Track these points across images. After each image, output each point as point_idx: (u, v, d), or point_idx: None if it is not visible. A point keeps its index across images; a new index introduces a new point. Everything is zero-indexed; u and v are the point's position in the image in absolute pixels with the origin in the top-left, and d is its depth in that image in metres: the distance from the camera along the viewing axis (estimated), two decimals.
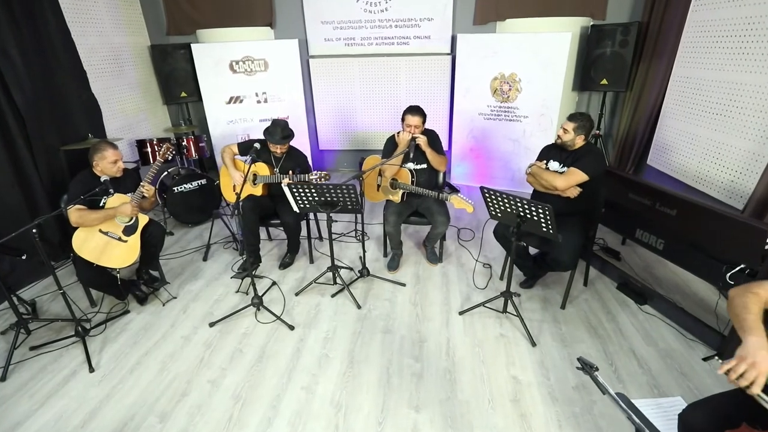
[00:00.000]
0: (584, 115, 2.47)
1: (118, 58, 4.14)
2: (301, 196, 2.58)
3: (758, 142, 2.61)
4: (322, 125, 5.09)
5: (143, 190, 2.54)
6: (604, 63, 3.98)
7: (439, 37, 4.53)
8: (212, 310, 2.74)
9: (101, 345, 2.44)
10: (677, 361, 2.23)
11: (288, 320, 2.60)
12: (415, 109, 2.84)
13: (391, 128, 5.12)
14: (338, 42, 4.67)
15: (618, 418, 1.90)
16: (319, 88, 4.87)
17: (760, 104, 2.59)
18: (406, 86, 4.76)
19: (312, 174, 2.84)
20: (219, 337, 2.49)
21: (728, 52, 2.83)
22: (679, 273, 3.01)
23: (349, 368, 2.24)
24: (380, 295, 2.86)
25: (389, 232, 3.04)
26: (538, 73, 4.08)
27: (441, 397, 2.04)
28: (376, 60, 4.67)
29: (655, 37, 3.77)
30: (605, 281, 2.93)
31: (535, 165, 2.62)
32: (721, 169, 2.87)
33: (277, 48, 4.42)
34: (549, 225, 2.12)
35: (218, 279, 3.09)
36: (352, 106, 4.95)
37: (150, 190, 2.59)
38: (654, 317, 2.56)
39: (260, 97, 4.54)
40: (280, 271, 3.18)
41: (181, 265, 3.28)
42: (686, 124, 3.22)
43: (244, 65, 4.37)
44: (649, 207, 2.46)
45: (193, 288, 2.99)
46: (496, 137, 4.55)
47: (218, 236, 3.67)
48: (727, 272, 2.10)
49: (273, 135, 2.90)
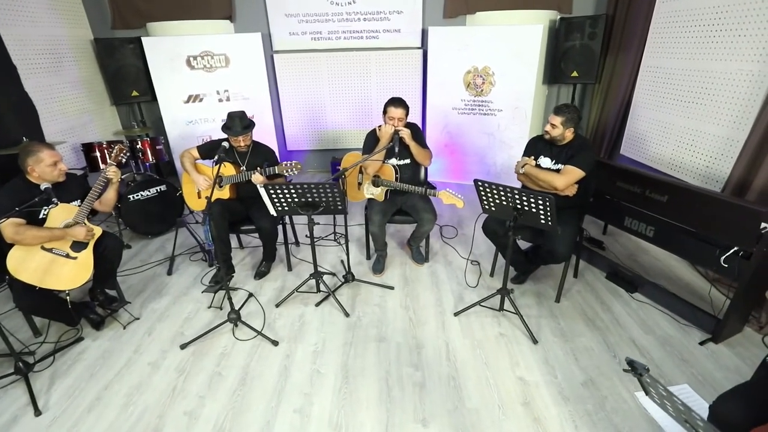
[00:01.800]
0: (570, 107, 2.42)
1: (56, 52, 3.68)
2: (279, 197, 2.35)
3: (732, 128, 2.67)
4: (289, 124, 4.83)
5: (108, 173, 2.25)
6: (574, 55, 4.02)
7: (410, 31, 4.41)
8: (183, 330, 2.44)
9: (49, 382, 2.09)
10: (676, 348, 2.21)
11: (270, 335, 2.35)
12: (397, 101, 2.69)
13: (363, 126, 4.97)
14: (304, 36, 4.44)
15: (631, 413, 1.84)
16: (285, 85, 4.60)
17: (731, 91, 2.66)
18: (376, 82, 4.60)
19: (282, 164, 2.62)
20: (193, 360, 2.21)
21: (697, 41, 2.90)
22: (662, 259, 3.06)
23: (344, 383, 2.04)
24: (369, 301, 2.68)
25: (374, 233, 2.86)
26: (511, 66, 4.05)
27: (448, 407, 1.89)
28: (345, 55, 4.48)
29: (621, 29, 3.85)
30: (594, 272, 2.91)
31: (527, 164, 2.49)
32: (696, 156, 2.93)
33: (238, 42, 4.11)
34: (549, 217, 2.04)
35: (187, 294, 2.78)
36: (321, 104, 4.73)
37: (117, 174, 2.29)
38: (646, 304, 2.55)
39: (222, 95, 4.21)
40: (256, 282, 2.91)
41: (142, 282, 2.93)
42: (658, 113, 3.28)
43: (203, 61, 4.03)
44: (639, 194, 2.45)
45: (158, 306, 2.67)
46: (471, 132, 4.49)
47: (183, 247, 3.33)
48: (720, 256, 2.11)
49: (232, 127, 2.66)
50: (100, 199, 2.38)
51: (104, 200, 2.41)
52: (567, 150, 2.44)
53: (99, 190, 2.30)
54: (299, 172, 2.66)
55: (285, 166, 2.63)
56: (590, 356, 2.16)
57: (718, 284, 2.67)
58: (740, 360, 2.13)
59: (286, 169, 2.63)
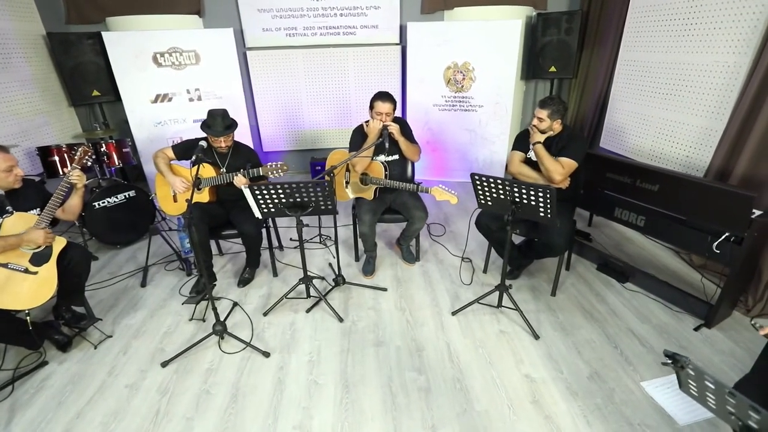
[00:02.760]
0: (555, 99, 2.39)
1: (3, 47, 3.35)
2: (264, 199, 2.20)
3: (710, 118, 2.74)
4: (265, 124, 4.63)
5: (71, 177, 2.04)
6: (552, 51, 4.06)
7: (388, 27, 4.33)
8: (163, 346, 2.24)
9: (8, 414, 1.85)
10: (673, 335, 2.23)
11: (260, 346, 2.20)
12: (384, 95, 2.59)
13: (342, 125, 4.85)
14: (278, 32, 4.26)
15: (640, 404, 1.82)
16: (260, 83, 4.41)
17: (709, 82, 2.73)
18: (355, 79, 4.49)
19: (266, 166, 2.47)
20: (176, 378, 2.02)
21: (673, 34, 2.97)
22: (647, 248, 3.11)
23: (345, 393, 1.92)
24: (362, 304, 2.56)
25: (364, 233, 2.75)
26: (491, 61, 4.05)
27: (457, 410, 1.81)
28: (322, 51, 4.34)
29: (596, 25, 3.92)
30: (585, 263, 2.92)
31: (538, 143, 2.38)
32: (676, 146, 3.00)
33: (209, 38, 3.89)
34: (548, 209, 2.00)
35: (164, 307, 2.57)
36: (298, 102, 4.56)
37: (81, 178, 2.09)
38: (638, 293, 2.57)
39: (193, 94, 3.97)
40: (240, 290, 2.74)
41: (113, 296, 2.69)
42: (637, 105, 3.35)
43: (171, 58, 3.78)
44: (630, 185, 2.46)
45: (132, 322, 2.45)
46: (452, 128, 4.46)
47: (157, 256, 3.10)
48: (712, 242, 2.13)
49: (213, 127, 2.48)
50: (63, 206, 2.15)
51: (68, 208, 2.18)
52: (557, 142, 2.42)
53: (61, 196, 2.07)
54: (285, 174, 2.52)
55: (270, 167, 2.48)
56: (593, 349, 2.14)
57: (704, 271, 2.74)
58: (734, 343, 2.16)
59: (270, 170, 2.48)
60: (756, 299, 2.36)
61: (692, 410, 1.77)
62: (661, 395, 1.85)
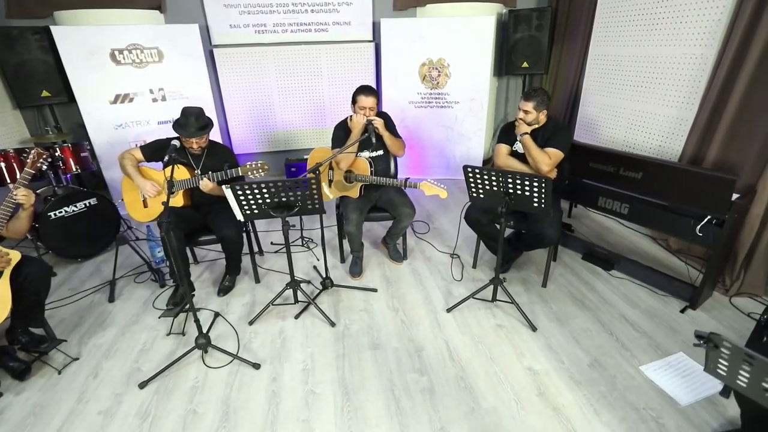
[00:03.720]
0: (539, 90, 2.41)
1: None
2: (247, 199, 2.06)
3: (681, 108, 2.85)
4: (235, 125, 4.42)
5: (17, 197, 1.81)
6: (523, 47, 4.12)
7: (360, 23, 4.25)
8: (139, 366, 2.05)
9: None
10: (662, 318, 2.28)
11: (249, 357, 2.05)
12: (368, 89, 2.51)
13: (316, 124, 4.71)
14: (247, 29, 4.08)
15: (642, 388, 1.83)
16: (228, 82, 4.20)
17: (678, 74, 2.84)
18: (328, 77, 4.38)
19: (245, 166, 2.32)
20: (158, 400, 1.84)
21: (642, 29, 3.07)
22: (627, 236, 3.20)
23: (346, 401, 1.81)
24: (353, 307, 2.46)
25: (351, 233, 2.65)
26: (466, 58, 4.06)
27: (464, 410, 1.75)
28: (293, 49, 4.20)
29: (565, 21, 4.02)
30: (570, 254, 2.96)
31: (525, 134, 2.37)
32: (649, 136, 3.10)
33: (173, 34, 3.66)
34: (543, 199, 1.98)
35: (137, 322, 2.36)
36: (269, 102, 4.39)
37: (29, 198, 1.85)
38: (624, 280, 2.63)
39: (156, 94, 3.72)
40: (221, 299, 2.56)
41: (76, 314, 2.44)
42: (609, 98, 3.44)
43: (131, 55, 3.52)
44: (613, 174, 2.51)
45: (102, 341, 2.22)
46: (429, 125, 4.44)
47: (125, 268, 2.86)
48: (696, 226, 2.20)
49: (186, 127, 2.31)
50: (7, 225, 1.91)
51: (13, 228, 1.94)
52: (543, 133, 2.42)
53: (7, 214, 1.85)
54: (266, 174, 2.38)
55: (249, 167, 2.33)
56: (589, 337, 2.15)
57: (681, 255, 2.84)
58: (718, 323, 2.24)
59: (249, 170, 2.33)
60: (732, 279, 2.47)
61: (692, 390, 1.80)
62: (661, 378, 1.88)
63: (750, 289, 2.43)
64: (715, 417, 1.69)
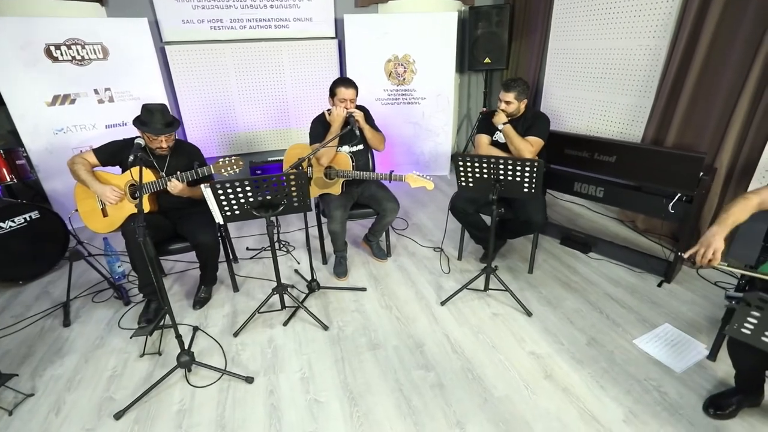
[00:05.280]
0: (518, 80, 2.44)
1: None
2: (228, 198, 1.89)
3: (639, 96, 3.03)
4: (192, 128, 4.12)
5: None
6: (485, 43, 4.22)
7: (322, 20, 4.14)
8: (110, 394, 1.80)
9: None
10: (643, 293, 2.39)
11: (239, 371, 1.88)
12: (347, 81, 2.42)
13: (279, 125, 4.52)
14: (201, 24, 3.82)
15: (638, 360, 1.90)
16: (183, 82, 3.91)
17: (635, 64, 3.02)
18: (291, 75, 4.21)
19: (218, 163, 2.16)
20: (139, 430, 1.63)
21: (599, 23, 3.24)
22: (597, 220, 3.35)
23: (353, 407, 1.71)
24: (344, 308, 2.35)
25: (335, 231, 2.54)
26: (431, 53, 4.08)
27: (477, 401, 1.71)
28: (253, 46, 4.00)
29: (522, 17, 4.16)
30: (548, 240, 3.03)
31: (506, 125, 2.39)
32: (611, 124, 3.27)
33: (118, 29, 3.33)
34: (533, 183, 2.00)
35: (102, 346, 2.09)
36: (229, 102, 4.14)
37: None
38: (602, 261, 2.73)
39: (103, 94, 3.37)
40: (197, 312, 2.35)
41: (25, 344, 2.12)
42: (570, 90, 3.60)
43: (70, 51, 3.15)
44: (588, 159, 2.60)
45: (60, 372, 1.94)
46: (397, 122, 4.41)
47: (80, 287, 2.54)
48: (668, 204, 2.33)
49: (151, 123, 2.08)
50: None
51: None
52: (522, 122, 2.46)
53: None
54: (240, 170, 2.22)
55: (222, 164, 2.16)
56: (582, 317, 2.20)
57: (648, 234, 3.01)
58: (692, 293, 2.38)
59: (223, 167, 2.16)
60: None
61: (683, 358, 1.89)
62: (654, 348, 1.95)
63: None
64: (708, 380, 1.78)
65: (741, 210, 1.50)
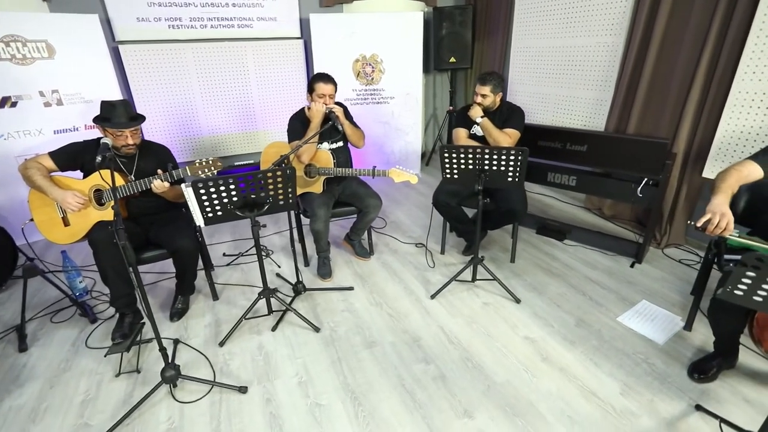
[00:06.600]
0: (493, 73, 2.51)
1: None
2: (211, 199, 1.78)
3: (599, 90, 3.21)
4: (152, 133, 3.87)
5: None
6: (449, 43, 4.32)
7: (287, 19, 4.05)
8: (85, 420, 1.63)
9: None
10: (618, 274, 2.51)
11: (231, 382, 1.77)
12: (326, 76, 2.37)
13: (245, 128, 4.36)
14: (159, 23, 3.61)
15: (624, 335, 1.99)
16: (140, 84, 3.67)
17: (594, 61, 3.20)
18: (256, 76, 4.08)
19: (195, 164, 2.05)
20: None
21: (558, 22, 3.40)
22: (566, 210, 3.50)
23: (358, 407, 1.65)
24: (333, 308, 2.29)
25: (318, 231, 2.46)
26: (398, 53, 4.11)
27: (480, 389, 1.71)
28: (215, 46, 3.83)
29: (484, 17, 4.30)
30: (524, 230, 3.12)
31: (484, 118, 2.45)
32: (574, 117, 3.44)
33: (64, 26, 3.06)
34: (517, 172, 2.05)
35: (69, 369, 1.89)
36: (191, 105, 3.94)
37: None
38: (577, 247, 2.85)
39: (49, 97, 3.08)
40: (175, 324, 2.19)
41: None
42: (534, 86, 3.76)
43: (9, 49, 2.86)
44: (560, 149, 2.71)
45: (21, 401, 1.73)
46: (366, 122, 4.33)
47: (34, 308, 2.29)
48: (636, 188, 2.47)
49: (114, 118, 1.92)
50: None
51: None
52: (498, 115, 2.53)
53: None
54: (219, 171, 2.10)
55: (200, 165, 2.05)
56: (567, 300, 2.28)
57: (614, 219, 3.19)
58: (660, 271, 2.54)
59: (200, 169, 2.05)
60: (662, 233, 2.83)
61: (663, 330, 2.00)
62: (637, 324, 2.05)
63: (675, 240, 2.81)
64: (688, 348, 1.89)
65: (737, 181, 1.50)
